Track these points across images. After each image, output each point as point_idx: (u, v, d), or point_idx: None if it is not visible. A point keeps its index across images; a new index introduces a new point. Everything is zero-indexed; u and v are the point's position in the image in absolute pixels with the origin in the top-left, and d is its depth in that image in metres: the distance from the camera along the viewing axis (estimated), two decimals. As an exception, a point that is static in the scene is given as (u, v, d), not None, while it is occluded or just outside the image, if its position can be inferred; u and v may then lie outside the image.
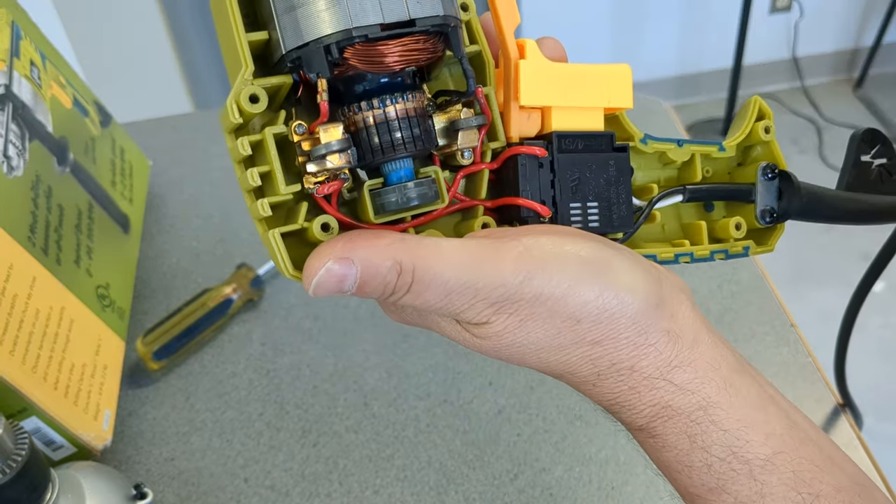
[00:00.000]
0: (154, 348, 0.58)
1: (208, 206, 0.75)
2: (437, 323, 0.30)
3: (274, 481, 0.53)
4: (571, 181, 0.30)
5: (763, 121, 0.35)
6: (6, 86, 0.53)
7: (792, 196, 0.34)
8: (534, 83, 0.29)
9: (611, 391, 0.29)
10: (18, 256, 0.49)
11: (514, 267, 0.27)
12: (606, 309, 0.27)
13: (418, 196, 0.27)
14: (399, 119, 0.26)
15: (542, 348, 0.28)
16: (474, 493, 0.52)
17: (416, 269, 0.26)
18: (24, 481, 0.38)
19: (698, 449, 0.28)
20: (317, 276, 0.26)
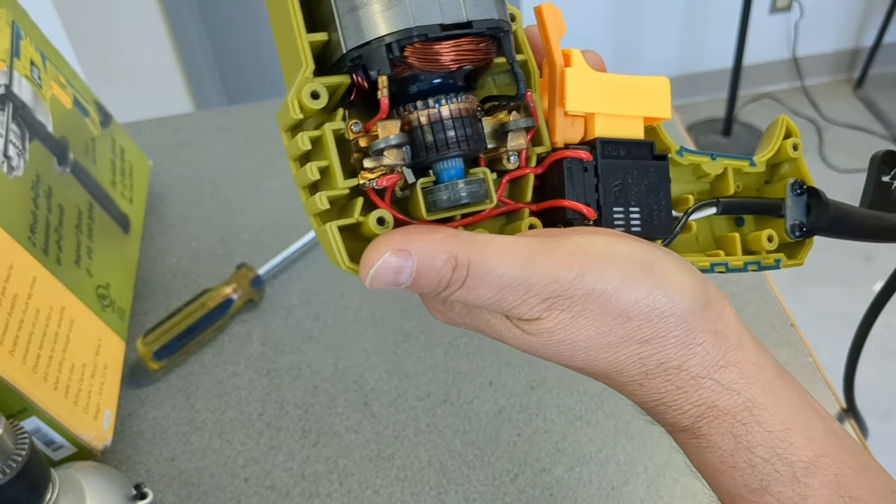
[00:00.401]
0: (154, 348, 0.58)
1: (208, 206, 0.75)
2: (485, 320, 0.30)
3: (274, 481, 0.53)
4: (614, 186, 0.31)
5: (791, 138, 0.36)
6: (6, 86, 0.53)
7: (821, 212, 0.35)
8: (579, 90, 0.30)
9: (657, 391, 0.29)
10: (18, 256, 0.49)
11: (568, 263, 0.27)
12: (657, 307, 0.28)
13: (469, 194, 0.28)
14: (453, 118, 0.27)
15: (592, 346, 0.28)
16: (474, 493, 0.52)
17: (471, 263, 0.27)
18: (24, 481, 0.38)
19: (743, 449, 0.28)
20: (374, 267, 0.26)
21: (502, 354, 0.60)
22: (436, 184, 0.28)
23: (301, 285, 0.66)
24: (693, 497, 0.51)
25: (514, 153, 0.30)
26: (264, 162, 0.80)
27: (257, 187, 0.77)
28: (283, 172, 0.78)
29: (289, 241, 0.69)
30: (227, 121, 0.86)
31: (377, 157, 0.27)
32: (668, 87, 0.32)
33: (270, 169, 0.79)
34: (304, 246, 0.69)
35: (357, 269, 0.27)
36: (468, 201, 0.28)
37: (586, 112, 0.31)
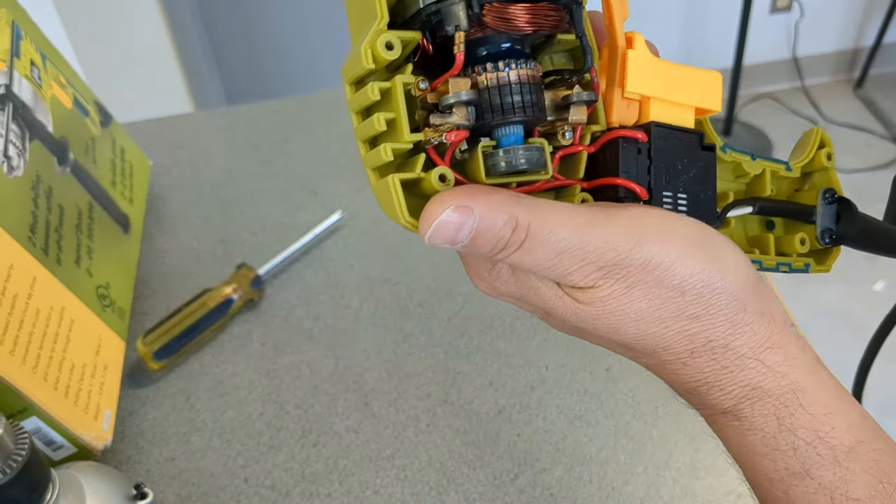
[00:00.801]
0: (154, 348, 0.58)
1: (208, 206, 0.75)
2: (534, 288, 0.29)
3: (274, 481, 0.53)
4: (665, 171, 0.31)
5: (825, 148, 0.37)
6: (6, 86, 0.53)
7: (850, 221, 0.36)
8: (640, 73, 0.31)
9: (701, 370, 0.29)
10: (19, 256, 0.49)
11: (626, 232, 0.27)
12: (710, 283, 0.28)
13: (528, 161, 0.28)
14: (521, 84, 0.28)
15: (643, 319, 0.28)
16: (475, 493, 0.52)
17: (530, 225, 0.26)
18: (24, 481, 0.38)
19: (786, 431, 0.28)
20: (436, 222, 0.26)
21: (502, 355, 0.60)
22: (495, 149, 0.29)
23: (301, 285, 0.66)
24: (693, 497, 0.51)
25: (569, 129, 0.30)
26: (264, 162, 0.80)
27: (257, 187, 0.77)
28: (283, 172, 0.78)
29: (289, 241, 0.69)
30: (227, 121, 0.86)
31: (444, 113, 0.27)
32: (721, 81, 0.33)
33: (270, 169, 0.79)
34: (304, 246, 0.69)
35: (416, 224, 0.27)
36: (526, 168, 0.28)
37: (643, 95, 0.31)
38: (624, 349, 0.30)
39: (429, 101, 0.28)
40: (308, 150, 0.81)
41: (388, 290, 0.66)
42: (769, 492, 0.29)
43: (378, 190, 0.28)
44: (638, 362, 0.32)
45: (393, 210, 0.27)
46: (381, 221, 0.72)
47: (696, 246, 0.28)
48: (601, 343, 0.31)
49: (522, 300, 0.31)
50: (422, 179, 0.28)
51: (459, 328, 0.62)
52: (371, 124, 0.28)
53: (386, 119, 0.27)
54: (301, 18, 1.94)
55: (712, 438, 0.54)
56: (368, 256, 0.69)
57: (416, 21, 0.27)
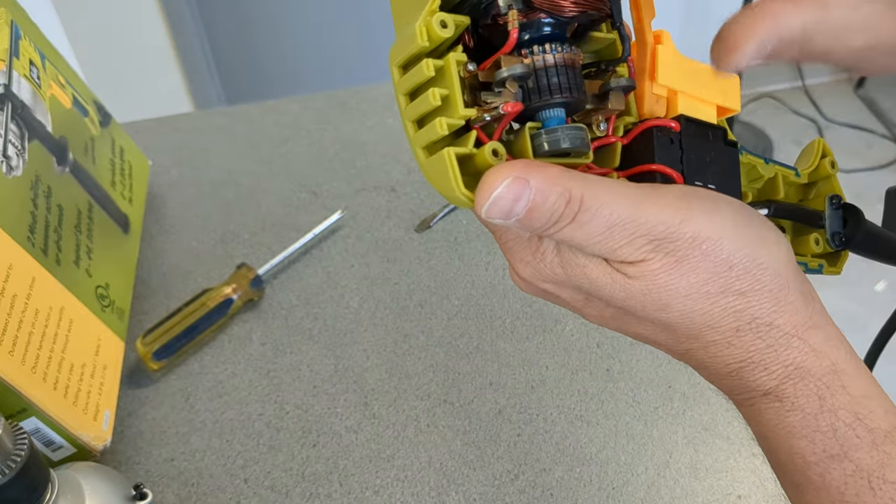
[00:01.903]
0: (154, 348, 0.58)
1: (208, 206, 0.75)
2: (581, 266, 0.29)
3: (274, 482, 0.53)
4: (696, 162, 0.32)
5: (827, 157, 0.39)
6: (5, 85, 0.53)
7: (856, 226, 0.38)
8: (669, 67, 0.32)
9: (746, 350, 0.29)
10: (18, 256, 0.48)
11: (675, 207, 0.28)
12: (756, 258, 0.28)
13: (572, 140, 0.29)
14: (565, 66, 0.29)
15: (691, 294, 0.28)
16: (475, 493, 0.51)
17: (584, 198, 0.27)
18: (23, 482, 0.37)
19: (827, 412, 0.28)
20: (496, 192, 0.26)
21: (502, 355, 0.60)
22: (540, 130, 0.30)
23: (301, 285, 0.66)
24: (693, 497, 0.50)
25: (603, 121, 0.31)
26: (264, 162, 0.80)
27: (257, 187, 0.77)
28: (283, 172, 0.78)
29: (289, 241, 0.69)
30: (227, 121, 0.86)
31: (497, 90, 0.28)
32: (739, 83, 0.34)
33: (270, 169, 0.79)
34: (303, 246, 0.69)
35: (471, 197, 0.27)
36: (570, 147, 0.29)
37: (671, 89, 0.32)
38: (667, 333, 0.30)
39: (478, 80, 0.29)
40: (308, 149, 0.81)
41: (388, 290, 0.65)
42: (804, 475, 0.29)
43: (429, 167, 0.29)
44: (677, 350, 0.31)
45: (448, 184, 0.28)
46: (380, 221, 0.72)
47: (742, 222, 0.29)
48: (643, 328, 0.31)
49: (565, 285, 0.31)
50: (474, 155, 0.28)
51: (459, 328, 0.62)
52: (426, 100, 0.28)
53: (441, 95, 0.28)
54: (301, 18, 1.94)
55: (716, 439, 0.55)
56: (368, 256, 0.69)
57: (465, 6, 0.29)
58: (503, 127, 0.29)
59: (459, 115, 0.28)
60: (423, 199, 0.74)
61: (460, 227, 0.71)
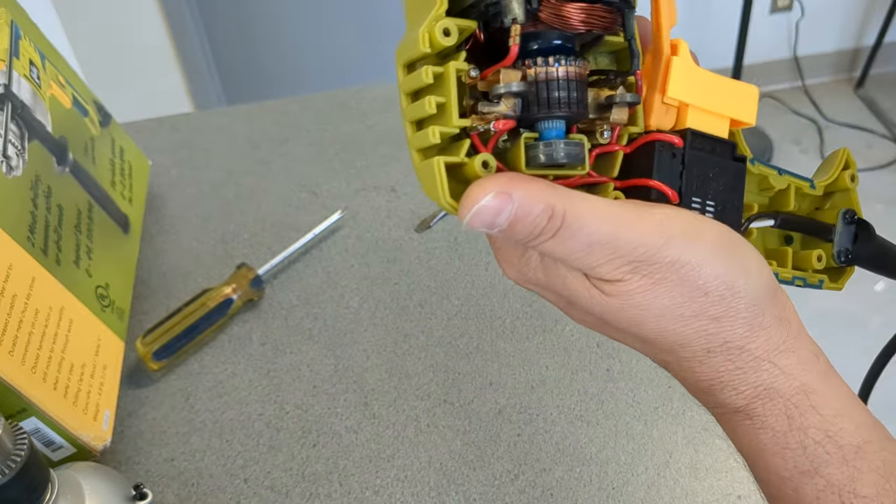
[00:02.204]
0: (154, 348, 0.58)
1: (208, 206, 0.75)
2: (562, 277, 0.30)
3: (274, 482, 0.53)
4: (697, 177, 0.32)
5: (849, 170, 0.38)
6: (5, 85, 0.53)
7: (866, 243, 0.37)
8: (681, 80, 0.32)
9: (715, 370, 0.30)
10: (18, 256, 0.48)
11: (657, 230, 0.28)
12: (733, 286, 0.29)
13: (567, 155, 0.29)
14: (568, 80, 0.29)
15: (664, 315, 0.29)
16: (475, 493, 0.51)
17: (566, 215, 0.27)
18: (23, 482, 0.37)
19: (796, 430, 0.29)
20: (477, 205, 0.27)
21: (502, 355, 0.60)
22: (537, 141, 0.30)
23: (301, 285, 0.66)
24: (693, 497, 0.50)
25: (608, 129, 0.31)
26: (264, 162, 0.80)
27: (257, 187, 0.77)
28: (283, 172, 0.78)
29: (289, 241, 0.69)
30: (227, 121, 0.86)
31: (493, 102, 0.28)
32: (757, 95, 0.34)
33: (270, 169, 0.79)
34: (303, 246, 0.69)
35: (456, 206, 0.28)
36: (566, 161, 0.29)
37: (682, 102, 0.32)
38: (643, 344, 0.31)
39: (478, 90, 0.29)
40: (308, 150, 0.81)
41: (388, 290, 0.65)
42: (780, 490, 0.30)
43: (421, 171, 0.29)
44: (655, 359, 0.32)
45: (435, 191, 0.28)
46: (380, 221, 0.72)
47: (723, 249, 0.29)
48: (620, 337, 0.32)
49: (548, 289, 0.32)
50: (465, 164, 0.29)
51: (459, 328, 0.62)
52: (421, 106, 0.28)
53: (437, 102, 0.28)
54: (301, 18, 1.94)
55: (716, 439, 0.55)
56: (368, 256, 0.69)
57: (473, 11, 0.29)
58: (496, 140, 0.29)
59: (453, 125, 0.28)
60: (423, 199, 0.74)
61: (460, 227, 0.71)
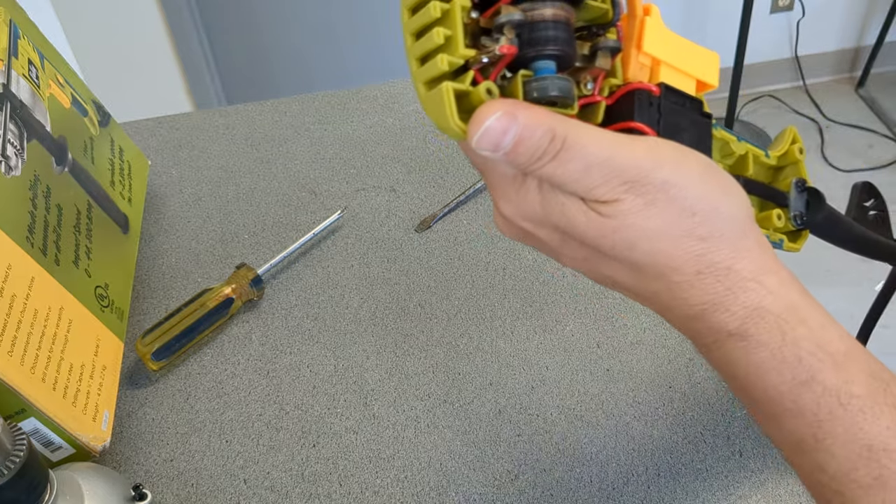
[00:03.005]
0: (153, 348, 0.58)
1: (208, 206, 0.75)
2: (559, 204, 0.31)
3: (273, 482, 0.53)
4: (671, 126, 0.34)
5: (797, 144, 0.42)
6: (4, 85, 0.53)
7: (818, 209, 0.40)
8: (654, 37, 0.34)
9: (706, 292, 0.31)
10: (17, 256, 0.48)
11: (648, 153, 0.30)
12: (717, 207, 0.31)
13: (560, 89, 0.31)
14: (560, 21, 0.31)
15: (656, 236, 0.31)
16: (475, 493, 0.51)
17: (567, 137, 0.29)
18: (22, 482, 0.37)
19: (790, 344, 0.31)
20: (486, 124, 0.29)
21: (502, 355, 0.60)
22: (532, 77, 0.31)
23: (301, 285, 0.66)
24: (694, 497, 0.50)
25: (591, 80, 0.33)
26: (264, 162, 0.80)
27: (257, 187, 0.77)
28: (283, 172, 0.78)
29: (289, 241, 0.69)
30: (227, 121, 0.86)
31: (495, 36, 0.30)
32: (718, 60, 0.36)
33: (270, 169, 0.79)
34: (303, 246, 0.69)
35: (465, 129, 0.30)
36: (557, 96, 0.31)
37: (655, 58, 0.34)
38: (634, 273, 0.32)
39: (479, 28, 0.31)
40: (308, 150, 0.81)
41: (388, 290, 0.65)
42: (779, 405, 0.31)
43: (429, 100, 0.31)
44: (644, 293, 0.33)
45: (444, 116, 0.30)
46: (380, 221, 0.72)
47: (707, 174, 0.31)
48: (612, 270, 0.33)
49: (543, 224, 0.33)
50: (470, 92, 0.30)
51: (459, 328, 0.62)
52: (430, 39, 0.30)
53: (445, 34, 0.30)
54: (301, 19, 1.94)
55: (716, 438, 0.54)
56: (368, 256, 0.69)
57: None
58: (499, 70, 0.31)
59: (460, 54, 0.30)
60: (423, 199, 0.74)
61: (460, 227, 0.71)
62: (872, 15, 2.31)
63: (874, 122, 2.26)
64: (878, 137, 2.21)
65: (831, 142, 2.19)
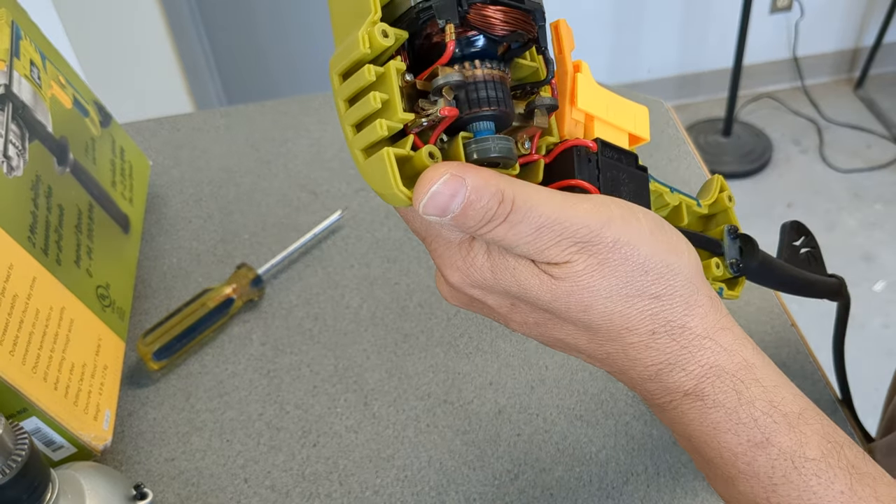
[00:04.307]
0: (154, 348, 0.58)
1: (208, 206, 0.75)
2: (511, 268, 0.31)
3: (274, 481, 0.53)
4: (610, 181, 0.34)
5: (725, 192, 0.42)
6: (6, 86, 0.53)
7: (752, 254, 0.40)
8: (587, 93, 0.34)
9: (662, 352, 0.31)
10: (18, 256, 0.49)
11: (597, 212, 0.30)
12: (669, 264, 0.30)
13: (500, 150, 0.30)
14: (494, 81, 0.31)
15: (611, 296, 0.30)
16: (475, 493, 0.52)
17: (515, 199, 0.28)
18: (23, 482, 0.38)
19: (745, 404, 0.30)
20: (434, 187, 0.28)
21: (502, 355, 0.60)
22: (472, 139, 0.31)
23: (301, 285, 0.66)
24: (693, 496, 0.51)
25: (528, 139, 0.33)
26: (264, 162, 0.80)
27: (257, 187, 0.77)
28: (283, 172, 0.78)
29: (289, 241, 0.69)
30: (227, 121, 0.86)
31: (433, 98, 0.30)
32: (647, 114, 0.37)
33: (270, 169, 0.79)
34: (303, 246, 0.69)
35: (409, 195, 0.29)
36: (499, 155, 0.30)
37: (589, 114, 0.34)
38: (588, 335, 0.32)
39: (415, 90, 0.30)
40: (308, 150, 0.81)
41: (388, 290, 0.66)
42: (734, 466, 0.31)
43: (369, 167, 0.30)
44: (598, 354, 0.33)
45: (387, 182, 0.29)
46: (380, 221, 0.72)
47: (657, 231, 0.31)
48: (564, 332, 0.32)
49: (493, 290, 0.32)
50: (411, 158, 0.30)
51: (459, 328, 0.62)
52: (366, 104, 0.29)
53: (381, 98, 0.29)
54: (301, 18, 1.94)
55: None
56: (368, 256, 0.69)
57: (404, 20, 0.30)
58: (439, 132, 0.30)
59: (399, 119, 0.29)
60: (423, 199, 0.74)
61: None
62: (871, 16, 2.32)
63: (873, 122, 2.26)
64: (876, 138, 2.21)
65: (830, 142, 2.19)
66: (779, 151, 2.18)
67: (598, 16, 2.15)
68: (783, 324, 0.61)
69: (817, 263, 0.46)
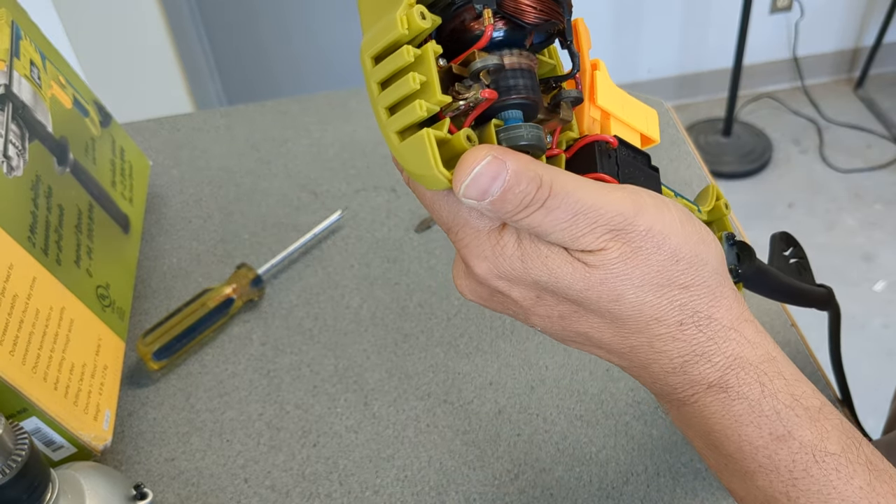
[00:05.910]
0: (154, 348, 0.58)
1: (208, 206, 0.75)
2: (542, 256, 0.30)
3: (274, 481, 0.53)
4: (628, 177, 0.34)
5: (721, 200, 0.42)
6: (6, 86, 0.53)
7: (749, 262, 0.41)
8: (605, 90, 0.35)
9: (689, 343, 0.31)
10: (18, 256, 0.49)
11: (630, 200, 0.30)
12: (698, 254, 0.31)
13: (531, 136, 0.31)
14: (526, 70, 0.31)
15: (643, 285, 0.30)
16: (475, 493, 0.52)
17: (553, 184, 0.28)
18: (23, 481, 0.38)
19: (769, 396, 0.30)
20: (475, 169, 0.28)
21: (502, 355, 0.60)
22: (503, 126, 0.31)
23: (301, 285, 0.66)
24: (693, 496, 0.51)
25: (549, 134, 0.33)
26: (264, 162, 0.80)
27: (257, 187, 0.77)
28: (283, 172, 0.78)
29: (289, 241, 0.69)
30: (227, 121, 0.86)
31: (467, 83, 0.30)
32: (657, 117, 0.37)
33: (270, 169, 0.79)
34: (303, 246, 0.69)
35: (449, 177, 0.29)
36: (530, 143, 0.31)
37: (605, 111, 0.35)
38: (614, 327, 0.31)
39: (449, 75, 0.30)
40: (308, 150, 0.81)
41: (388, 290, 0.66)
42: (754, 460, 0.31)
43: (405, 150, 0.30)
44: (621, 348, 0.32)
45: (426, 164, 0.29)
46: (380, 221, 0.72)
47: (687, 221, 0.31)
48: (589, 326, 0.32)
49: (520, 281, 0.31)
50: (448, 141, 0.30)
51: (459, 328, 0.62)
52: (405, 83, 0.29)
53: (420, 80, 0.29)
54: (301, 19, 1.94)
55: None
56: (368, 256, 0.69)
57: (438, 6, 0.30)
58: (474, 116, 0.30)
59: (437, 100, 0.29)
60: (423, 199, 0.74)
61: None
62: (871, 16, 2.32)
63: (873, 122, 2.26)
64: (876, 138, 2.21)
65: (830, 142, 2.19)
66: (779, 151, 2.18)
67: (598, 16, 2.14)
68: (783, 324, 0.61)
69: (806, 273, 0.46)
